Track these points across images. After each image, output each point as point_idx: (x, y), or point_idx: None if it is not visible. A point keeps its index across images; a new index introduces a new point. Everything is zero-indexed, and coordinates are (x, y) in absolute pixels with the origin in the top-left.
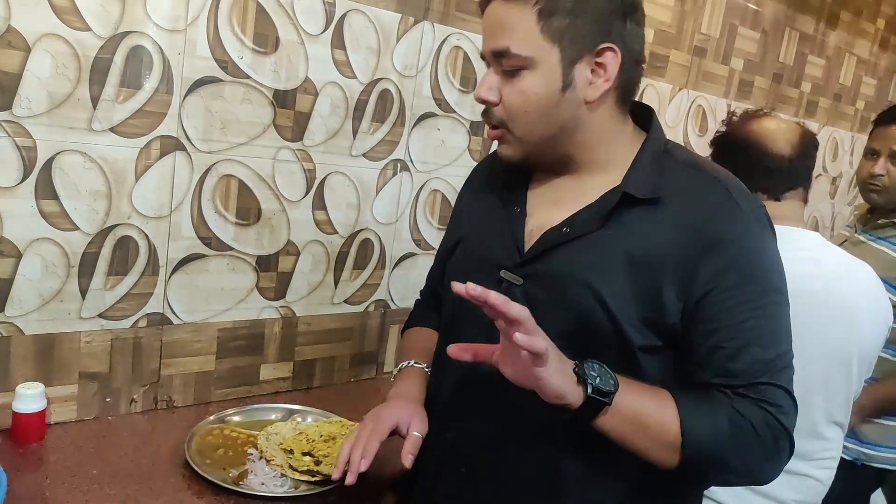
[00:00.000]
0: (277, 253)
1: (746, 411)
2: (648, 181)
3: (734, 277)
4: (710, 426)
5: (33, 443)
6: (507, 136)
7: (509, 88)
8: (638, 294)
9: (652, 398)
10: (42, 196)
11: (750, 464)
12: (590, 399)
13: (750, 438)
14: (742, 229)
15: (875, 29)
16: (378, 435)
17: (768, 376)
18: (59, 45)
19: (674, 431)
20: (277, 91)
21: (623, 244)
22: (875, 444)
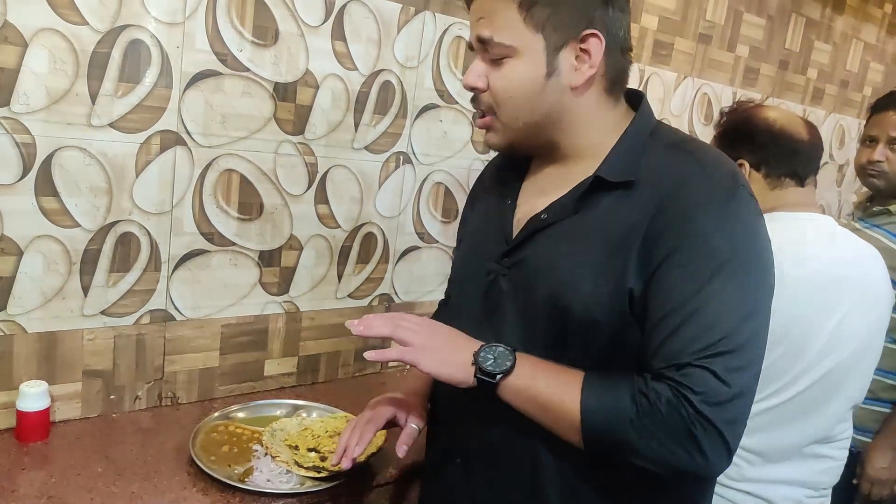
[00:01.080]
0: (280, 248)
1: (657, 395)
2: (624, 165)
3: (684, 251)
4: (611, 407)
5: (38, 441)
6: (495, 122)
7: (495, 75)
8: (608, 279)
9: (557, 379)
10: (42, 193)
11: (660, 451)
12: (479, 380)
13: (655, 423)
14: (702, 203)
15: (882, 14)
16: (374, 423)
17: (697, 358)
18: (56, 40)
19: (573, 413)
20: (278, 84)
21: (595, 229)
22: (869, 430)
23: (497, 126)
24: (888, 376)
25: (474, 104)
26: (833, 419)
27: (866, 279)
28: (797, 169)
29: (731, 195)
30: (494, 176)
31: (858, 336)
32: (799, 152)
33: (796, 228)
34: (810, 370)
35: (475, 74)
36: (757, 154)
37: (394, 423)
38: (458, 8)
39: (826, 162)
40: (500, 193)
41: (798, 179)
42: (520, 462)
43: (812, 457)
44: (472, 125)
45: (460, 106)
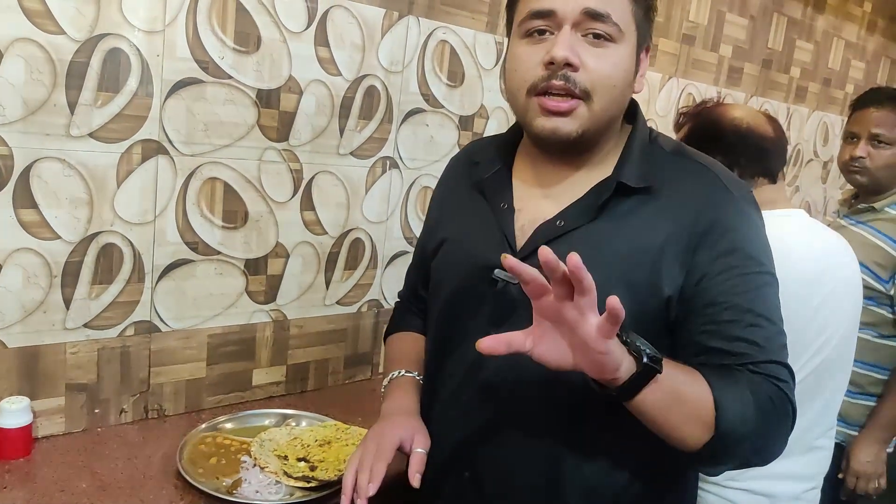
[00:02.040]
0: (266, 255)
1: (762, 387)
2: (640, 171)
3: (735, 259)
4: (739, 401)
5: (20, 458)
6: (581, 108)
7: (596, 56)
8: (635, 287)
9: (685, 371)
10: (21, 205)
11: (768, 439)
12: (645, 367)
13: (770, 414)
14: (736, 213)
15: (862, 12)
16: (384, 457)
17: (773, 354)
18: (32, 50)
19: (708, 405)
20: (261, 91)
21: (619, 236)
22: (857, 424)
23: (582, 113)
24: (877, 370)
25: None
26: (825, 410)
27: (842, 269)
28: (768, 166)
29: (751, 202)
30: (470, 174)
31: (843, 325)
32: (768, 150)
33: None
34: (805, 364)
35: (570, 48)
36: (728, 155)
37: (399, 449)
38: (441, 12)
39: (811, 159)
40: (488, 195)
41: (770, 177)
42: (538, 468)
43: (807, 449)
44: (459, 129)
45: (446, 110)
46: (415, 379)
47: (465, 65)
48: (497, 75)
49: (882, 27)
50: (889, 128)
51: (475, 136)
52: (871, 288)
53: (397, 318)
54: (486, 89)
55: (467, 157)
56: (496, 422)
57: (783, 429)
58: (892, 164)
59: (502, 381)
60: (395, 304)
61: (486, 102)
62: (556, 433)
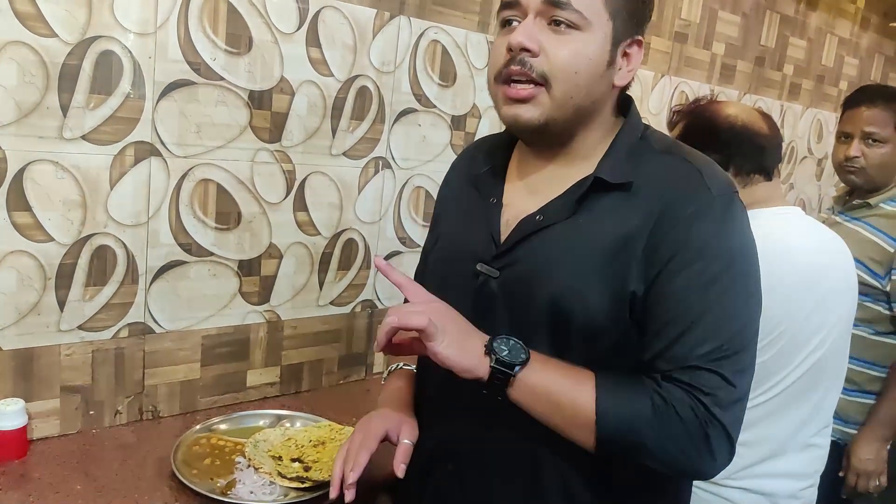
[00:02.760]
0: (259, 256)
1: (671, 396)
2: (621, 167)
3: (685, 257)
4: (627, 408)
5: (14, 460)
6: (542, 95)
7: (557, 42)
8: (611, 284)
9: (570, 376)
10: (14, 208)
11: (673, 452)
12: (494, 370)
13: (672, 425)
14: (703, 210)
15: (855, 9)
16: (367, 447)
17: (705, 361)
18: (24, 53)
19: (587, 411)
20: (253, 92)
21: (594, 231)
22: (855, 422)
23: (543, 100)
24: (873, 368)
25: (518, 66)
26: (820, 407)
27: (838, 268)
28: (764, 164)
29: (729, 203)
30: (468, 172)
31: (839, 323)
32: (764, 147)
33: (772, 225)
34: (801, 362)
35: (529, 34)
36: (723, 153)
37: (385, 439)
38: (433, 12)
39: (805, 156)
40: (481, 191)
41: (766, 174)
42: (519, 465)
43: (803, 447)
44: (451, 128)
45: (438, 110)
46: (411, 372)
47: (456, 64)
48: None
49: (875, 23)
50: (881, 126)
51: (467, 136)
52: (867, 284)
53: None
54: (478, 89)
55: (470, 152)
56: (479, 416)
57: (695, 442)
58: (887, 163)
59: None
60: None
61: (478, 102)
62: (538, 431)
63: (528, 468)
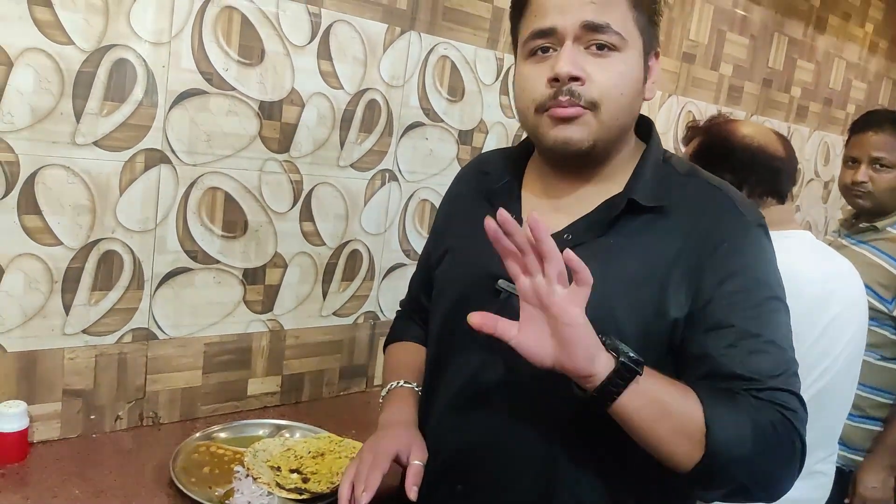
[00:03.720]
0: (264, 265)
1: (764, 412)
2: (653, 190)
3: (743, 282)
4: (734, 422)
5: (15, 462)
6: (589, 118)
7: (601, 67)
8: (641, 306)
9: (674, 385)
10: (25, 211)
11: (771, 468)
12: (622, 365)
13: (772, 440)
14: (746, 237)
15: (864, 33)
16: (379, 468)
17: (780, 381)
18: (41, 60)
19: (698, 421)
20: (263, 103)
21: (627, 254)
22: (860, 448)
23: (591, 122)
24: (879, 394)
25: (566, 97)
26: (826, 434)
27: (849, 292)
28: (778, 187)
29: (763, 230)
30: (480, 187)
31: (847, 349)
32: (779, 170)
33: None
34: (807, 388)
35: (574, 62)
36: (737, 173)
37: (395, 460)
38: (443, 28)
39: (812, 179)
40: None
41: (779, 197)
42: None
43: (809, 474)
44: (458, 143)
45: (446, 124)
46: (413, 390)
47: (465, 80)
48: (497, 91)
49: (884, 49)
50: (889, 151)
51: (474, 151)
52: (874, 309)
53: (398, 327)
54: (486, 104)
55: (477, 167)
56: (491, 435)
57: (787, 459)
58: (895, 188)
59: (499, 394)
60: (397, 312)
61: (485, 117)
62: (551, 450)
63: (539, 487)
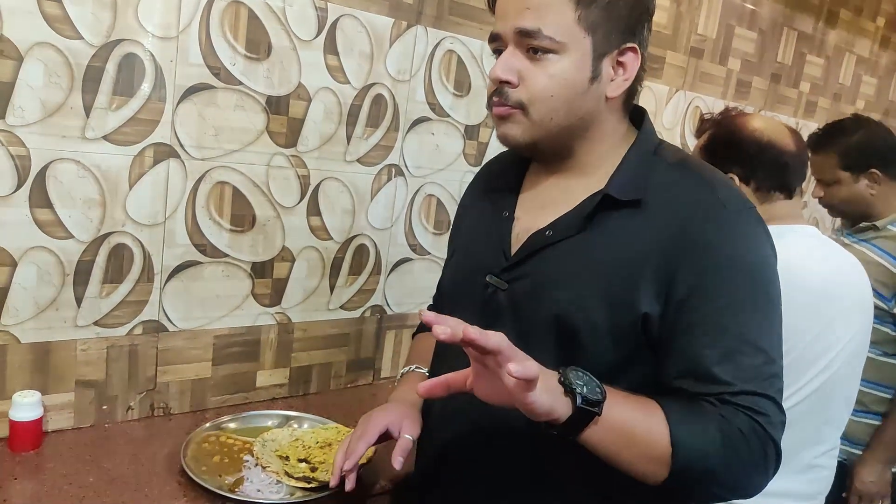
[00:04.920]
0: (272, 259)
1: (734, 420)
2: (632, 183)
3: (717, 280)
4: (701, 437)
5: (30, 451)
6: (520, 117)
7: (534, 70)
8: (613, 301)
9: (639, 408)
10: (36, 204)
11: (739, 476)
12: (579, 410)
13: (740, 449)
14: (725, 230)
15: (875, 27)
16: (365, 439)
17: (754, 384)
18: (51, 54)
19: (663, 444)
20: (270, 97)
21: (603, 248)
22: (860, 443)
23: (522, 121)
24: (880, 389)
25: (497, 97)
26: (827, 428)
27: (855, 288)
28: (786, 182)
29: (744, 218)
30: (487, 185)
31: (851, 344)
32: (787, 164)
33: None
34: (808, 382)
35: (507, 67)
36: (745, 167)
37: (387, 436)
38: (450, 22)
39: None
40: (495, 204)
41: (787, 192)
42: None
43: (808, 468)
44: (465, 138)
45: (452, 119)
46: (424, 375)
47: (471, 75)
48: None
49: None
50: (824, 172)
51: (480, 146)
52: (875, 307)
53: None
54: None
55: (489, 165)
56: (486, 426)
57: (758, 465)
58: (850, 198)
59: None
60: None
61: None
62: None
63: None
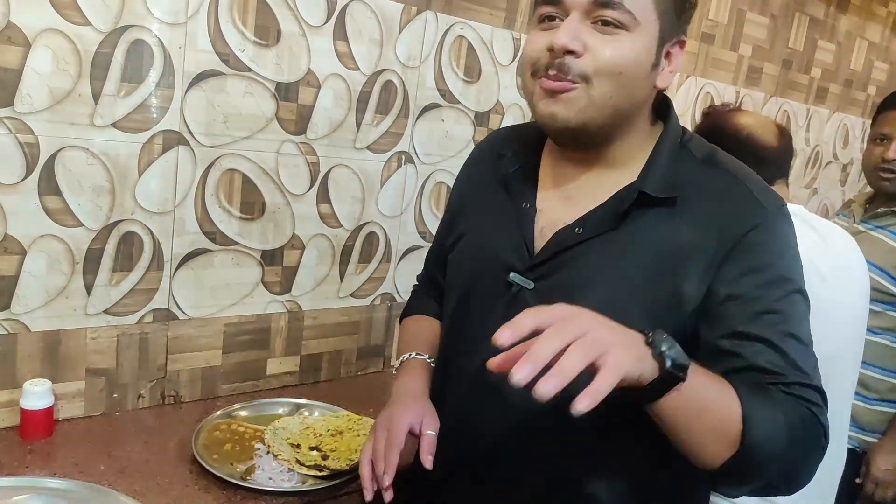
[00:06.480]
0: (282, 247)
1: (794, 408)
2: (665, 179)
3: (764, 277)
4: (770, 419)
5: (41, 439)
6: (580, 93)
7: (602, 42)
8: (654, 302)
9: (715, 381)
10: (45, 193)
11: (798, 465)
12: (667, 374)
13: (802, 437)
14: (767, 228)
15: (887, 12)
16: (396, 445)
17: (806, 375)
18: (59, 41)
19: (735, 419)
20: (280, 84)
21: (639, 247)
22: (875, 431)
23: (581, 98)
24: (894, 376)
25: (553, 70)
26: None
27: (849, 266)
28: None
29: (783, 215)
30: (496, 170)
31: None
32: (765, 160)
33: None
34: None
35: (572, 36)
36: None
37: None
38: (460, 7)
39: (830, 161)
40: (512, 194)
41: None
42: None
43: None
44: (475, 124)
45: (462, 105)
46: (426, 362)
47: (481, 60)
48: (514, 72)
49: None
50: None
51: (490, 132)
52: (890, 293)
53: (414, 301)
54: (503, 85)
55: (492, 146)
56: (504, 423)
57: (813, 455)
58: None
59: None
60: (413, 286)
61: (502, 98)
62: (562, 441)
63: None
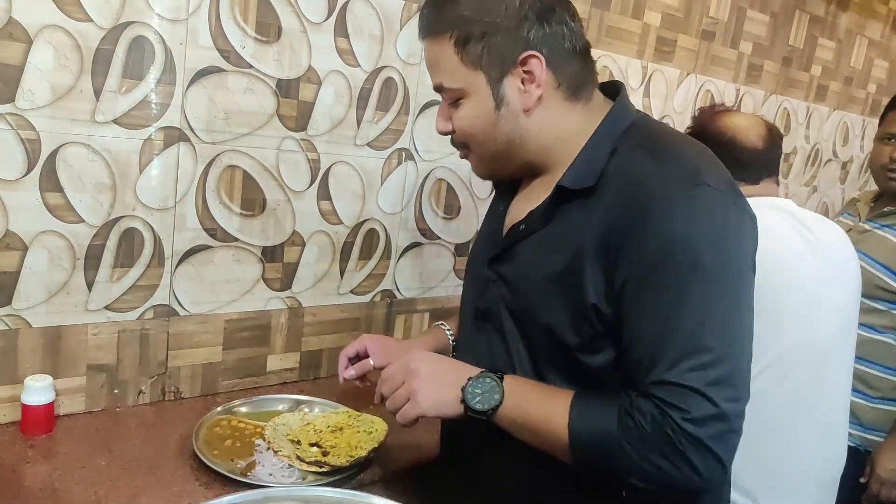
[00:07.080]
0: (283, 244)
1: (641, 411)
2: (584, 171)
3: (648, 262)
4: (598, 426)
5: (42, 435)
6: (472, 157)
7: (456, 116)
8: (568, 291)
9: (545, 401)
10: (47, 189)
11: (647, 468)
12: (469, 416)
13: (641, 440)
14: (661, 206)
15: (888, 10)
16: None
17: (677, 375)
18: (60, 37)
19: (563, 433)
20: (281, 80)
21: (560, 240)
22: (878, 429)
23: (474, 160)
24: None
25: (453, 144)
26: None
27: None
28: (744, 176)
29: (690, 192)
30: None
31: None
32: (749, 162)
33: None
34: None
35: (442, 120)
36: None
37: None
38: None
39: (830, 159)
40: (497, 198)
41: (749, 182)
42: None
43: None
44: None
45: None
46: (443, 330)
47: None
48: None
49: None
50: None
51: None
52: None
53: None
54: None
55: None
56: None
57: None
58: None
59: None
60: None
61: None
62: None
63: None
